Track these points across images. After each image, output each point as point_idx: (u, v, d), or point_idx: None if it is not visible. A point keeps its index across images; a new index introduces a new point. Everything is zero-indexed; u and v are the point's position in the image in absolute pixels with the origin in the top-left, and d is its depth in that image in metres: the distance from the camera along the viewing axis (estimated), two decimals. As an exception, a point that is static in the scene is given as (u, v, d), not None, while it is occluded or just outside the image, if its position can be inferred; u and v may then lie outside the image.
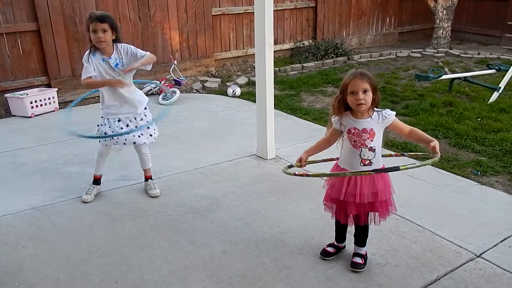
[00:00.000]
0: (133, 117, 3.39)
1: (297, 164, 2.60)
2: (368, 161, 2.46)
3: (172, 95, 6.28)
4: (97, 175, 3.61)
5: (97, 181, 3.62)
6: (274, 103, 4.30)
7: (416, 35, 10.87)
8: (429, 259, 2.74)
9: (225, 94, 6.74)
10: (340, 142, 2.56)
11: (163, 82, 6.49)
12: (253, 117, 4.48)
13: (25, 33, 5.98)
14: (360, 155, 2.45)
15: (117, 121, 3.35)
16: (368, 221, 2.58)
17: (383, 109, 2.48)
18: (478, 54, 8.99)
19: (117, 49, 3.26)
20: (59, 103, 6.08)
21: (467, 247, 2.85)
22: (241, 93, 6.68)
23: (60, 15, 6.09)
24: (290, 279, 2.59)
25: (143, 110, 3.45)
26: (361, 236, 2.69)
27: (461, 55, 8.95)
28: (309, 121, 5.39)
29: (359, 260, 2.66)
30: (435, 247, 2.86)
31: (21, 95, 5.72)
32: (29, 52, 6.07)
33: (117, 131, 3.32)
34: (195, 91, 7.05)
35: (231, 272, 2.65)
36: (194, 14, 7.30)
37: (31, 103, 5.71)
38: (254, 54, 4.17)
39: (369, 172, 2.36)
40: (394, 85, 6.94)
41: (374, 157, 2.46)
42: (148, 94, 6.53)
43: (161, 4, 6.92)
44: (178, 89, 6.44)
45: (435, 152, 2.34)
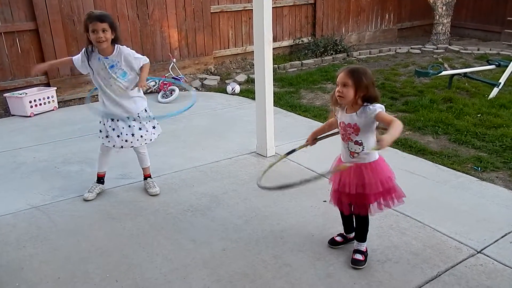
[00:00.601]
0: (133, 118, 3.37)
1: (305, 144, 2.89)
2: (357, 154, 2.51)
3: (172, 93, 6.27)
4: (100, 172, 3.60)
5: (100, 179, 3.61)
6: (274, 100, 4.30)
7: (415, 31, 10.84)
8: (430, 255, 2.73)
9: (224, 91, 6.73)
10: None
11: (162, 80, 6.49)
12: (252, 114, 4.47)
13: (24, 32, 5.96)
14: (348, 147, 2.54)
15: (116, 120, 3.35)
16: (367, 212, 2.58)
17: (373, 104, 2.43)
18: (478, 50, 8.98)
19: (119, 53, 3.22)
20: (58, 102, 6.07)
21: (468, 243, 2.84)
22: (240, 90, 6.67)
23: (58, 14, 6.07)
24: (290, 276, 2.58)
25: (140, 112, 3.41)
26: (360, 230, 2.70)
27: (461, 51, 8.94)
28: (308, 118, 5.38)
29: (359, 257, 2.66)
30: (435, 243, 2.85)
31: (20, 94, 5.71)
32: (27, 51, 6.05)
33: (119, 130, 3.35)
34: (194, 89, 7.04)
35: (231, 270, 2.65)
36: (192, 11, 7.28)
37: (30, 102, 5.70)
38: (253, 51, 4.16)
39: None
40: (393, 81, 6.93)
41: (362, 150, 2.49)
42: (147, 92, 6.53)
43: (159, 2, 6.90)
44: (177, 87, 6.43)
45: (381, 144, 2.16)
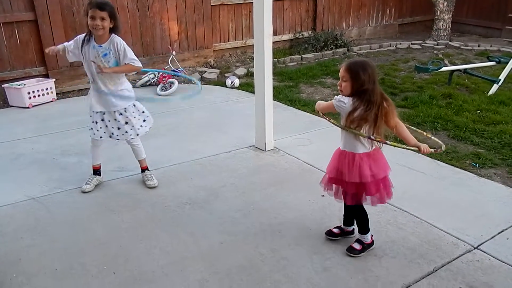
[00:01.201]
0: (119, 112, 3.36)
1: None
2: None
3: (171, 86, 6.25)
4: (94, 165, 3.60)
5: (96, 171, 3.61)
6: (273, 94, 4.29)
7: (416, 26, 10.81)
8: (427, 251, 2.74)
9: (223, 85, 6.71)
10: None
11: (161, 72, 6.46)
12: (251, 108, 4.46)
13: (22, 23, 5.93)
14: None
15: (102, 113, 3.36)
16: (361, 201, 2.61)
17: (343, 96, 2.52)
18: (479, 46, 8.96)
19: (111, 40, 3.21)
20: (56, 93, 6.06)
21: (465, 239, 2.85)
22: (240, 84, 6.65)
23: (57, 5, 6.03)
24: (287, 270, 2.59)
25: (128, 107, 3.38)
26: (357, 221, 2.76)
27: (461, 47, 8.92)
28: (308, 112, 5.37)
29: (356, 246, 2.70)
30: (432, 239, 2.86)
31: (19, 85, 5.68)
32: (26, 42, 6.02)
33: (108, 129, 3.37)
34: (193, 82, 7.02)
35: (229, 263, 2.66)
36: (192, 4, 7.24)
37: (29, 93, 5.68)
38: (253, 45, 4.14)
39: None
40: (393, 76, 6.92)
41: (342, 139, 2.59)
42: (146, 84, 6.51)
43: (159, -6, 6.87)
44: (177, 80, 6.41)
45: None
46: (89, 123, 3.45)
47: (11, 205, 3.31)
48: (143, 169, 3.67)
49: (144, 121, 3.50)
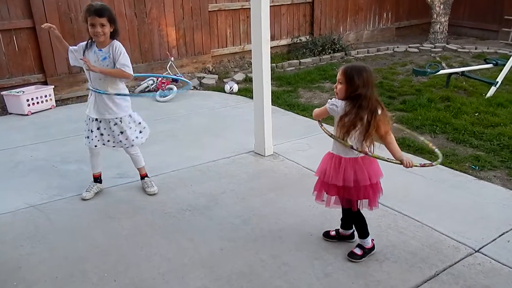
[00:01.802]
0: (114, 122, 3.36)
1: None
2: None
3: (170, 91, 6.26)
4: (94, 173, 3.60)
5: (96, 179, 3.60)
6: (272, 99, 4.29)
7: (413, 30, 10.85)
8: (428, 255, 2.74)
9: (222, 90, 6.72)
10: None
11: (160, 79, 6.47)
12: (250, 113, 4.46)
13: (21, 30, 5.93)
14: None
15: (98, 121, 3.36)
16: (356, 207, 2.62)
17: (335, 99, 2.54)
18: (476, 48, 8.99)
19: (111, 45, 3.22)
20: (55, 100, 6.05)
21: (466, 242, 2.85)
22: (238, 89, 6.66)
23: (55, 12, 6.04)
24: (288, 275, 2.58)
25: (123, 117, 3.36)
26: (355, 225, 2.77)
27: (459, 49, 8.95)
28: (306, 117, 5.38)
29: (357, 251, 2.70)
30: (433, 243, 2.86)
31: (18, 92, 5.68)
32: (24, 49, 6.03)
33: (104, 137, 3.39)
34: (192, 87, 7.03)
35: (229, 269, 2.65)
36: (190, 10, 7.26)
37: (28, 101, 5.67)
38: (251, 50, 4.15)
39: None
40: (391, 80, 6.93)
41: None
42: (145, 90, 6.52)
43: (157, 0, 6.88)
44: (175, 85, 6.42)
45: None
46: (84, 132, 3.44)
47: (10, 213, 3.30)
48: (143, 176, 3.67)
49: (141, 132, 3.48)
